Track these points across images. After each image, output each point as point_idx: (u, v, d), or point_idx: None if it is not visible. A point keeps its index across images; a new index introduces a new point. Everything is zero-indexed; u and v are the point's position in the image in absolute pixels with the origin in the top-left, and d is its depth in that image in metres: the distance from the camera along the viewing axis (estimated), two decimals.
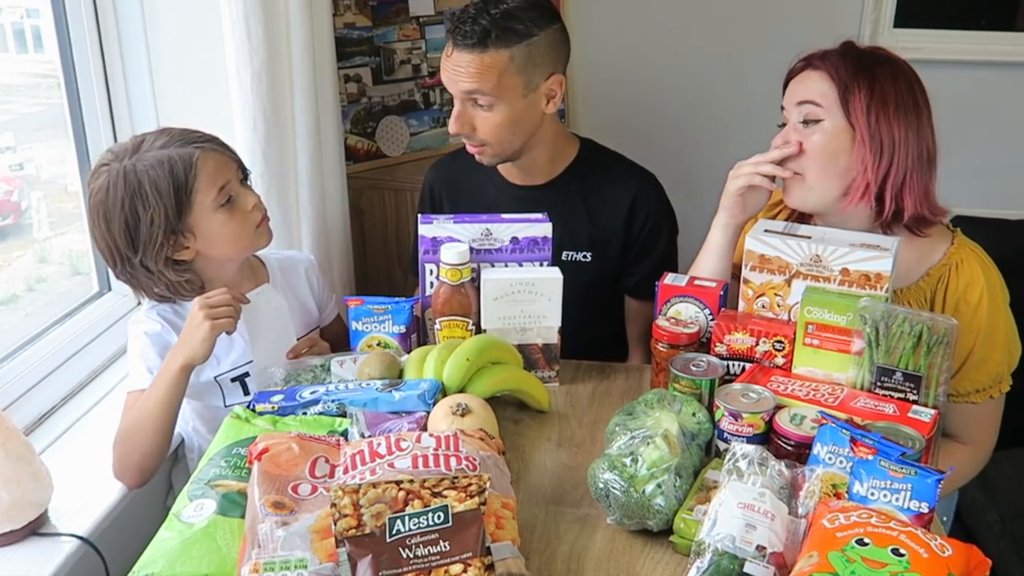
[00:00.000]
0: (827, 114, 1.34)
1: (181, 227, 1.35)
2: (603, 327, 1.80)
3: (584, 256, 1.71)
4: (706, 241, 1.50)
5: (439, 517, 0.91)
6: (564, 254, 1.70)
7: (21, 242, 1.84)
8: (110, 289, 1.85)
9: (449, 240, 1.45)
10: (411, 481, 0.93)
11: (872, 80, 1.33)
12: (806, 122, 1.36)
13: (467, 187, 1.78)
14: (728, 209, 1.45)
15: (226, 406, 1.47)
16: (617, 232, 1.71)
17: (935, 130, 1.39)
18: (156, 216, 1.33)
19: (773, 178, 1.41)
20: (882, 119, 1.32)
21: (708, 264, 1.48)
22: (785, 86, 1.42)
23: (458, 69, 1.55)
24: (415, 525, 0.90)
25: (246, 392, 1.48)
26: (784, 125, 1.41)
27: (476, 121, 1.59)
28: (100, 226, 1.36)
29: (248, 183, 1.46)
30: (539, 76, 1.58)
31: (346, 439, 1.14)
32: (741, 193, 1.42)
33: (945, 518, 1.71)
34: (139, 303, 1.84)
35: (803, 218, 1.48)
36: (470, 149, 1.65)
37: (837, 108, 1.34)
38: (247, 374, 1.48)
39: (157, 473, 1.38)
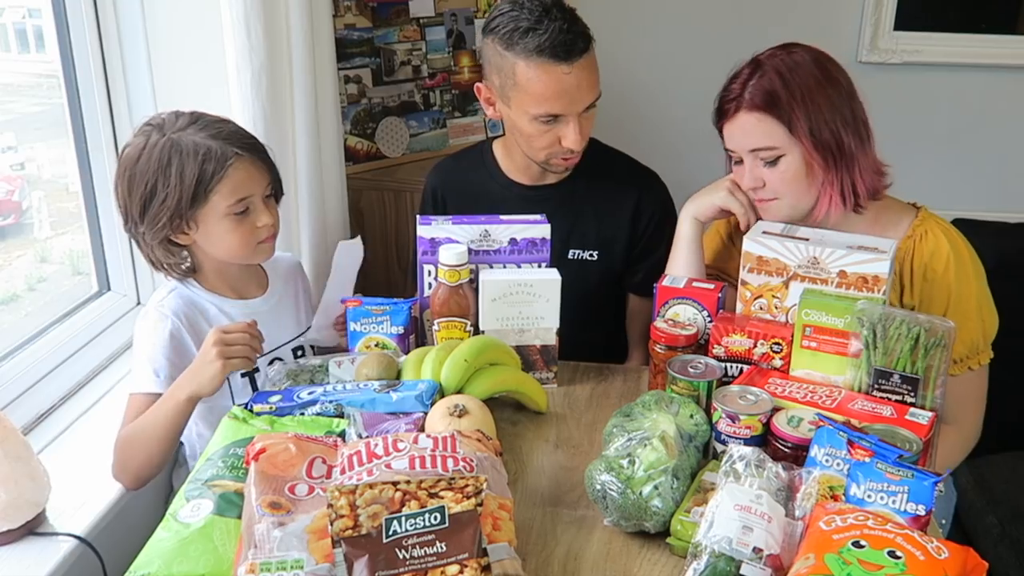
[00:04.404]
0: (785, 150, 1.37)
1: (189, 215, 1.35)
2: (606, 326, 1.80)
3: (591, 255, 1.72)
4: (678, 236, 1.54)
5: (435, 518, 0.91)
6: (571, 252, 1.71)
7: (22, 242, 1.84)
8: (109, 289, 1.85)
9: (447, 241, 1.45)
10: (408, 482, 0.93)
11: (802, 95, 1.35)
12: (765, 161, 1.39)
13: (471, 188, 1.77)
14: (702, 213, 1.51)
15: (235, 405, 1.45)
16: (623, 230, 1.71)
17: (858, 93, 1.40)
18: (170, 198, 1.33)
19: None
20: (823, 126, 1.35)
21: (681, 258, 1.53)
22: (717, 124, 1.44)
23: (581, 83, 1.51)
24: (411, 526, 0.90)
25: (255, 390, 1.47)
26: (738, 161, 1.44)
27: (587, 127, 1.58)
28: (123, 183, 1.37)
29: (272, 200, 1.45)
30: None
31: (343, 440, 1.14)
32: (725, 210, 1.48)
33: (944, 520, 1.71)
34: (138, 303, 1.85)
35: None
36: (568, 163, 1.62)
37: (788, 140, 1.36)
38: (257, 369, 1.46)
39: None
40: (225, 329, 1.31)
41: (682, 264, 1.52)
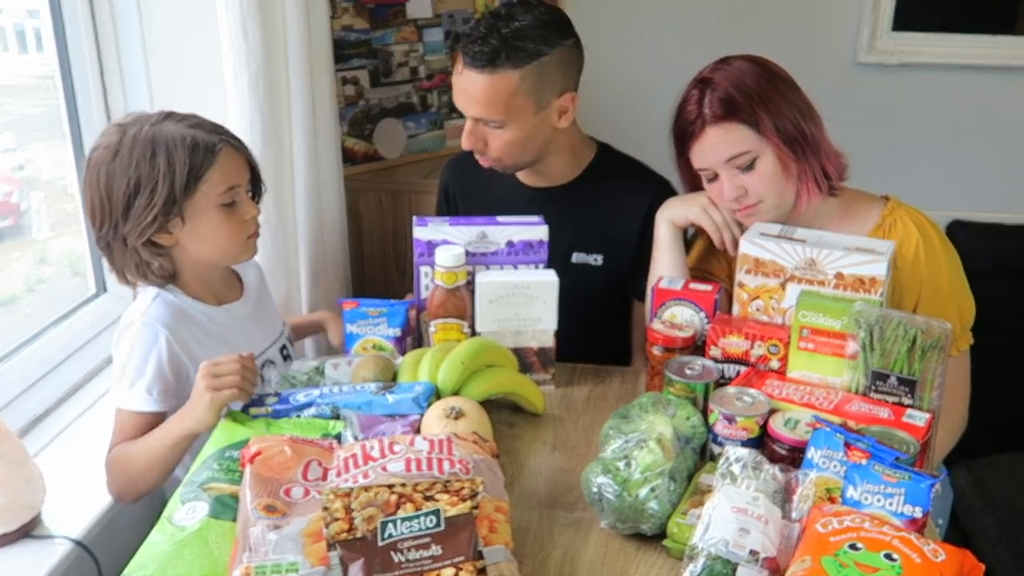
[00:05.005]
0: (758, 151, 1.38)
1: (177, 209, 1.29)
2: (609, 332, 1.79)
3: (595, 259, 1.71)
4: (657, 238, 1.55)
5: (431, 521, 0.91)
6: (575, 256, 1.70)
7: (20, 243, 1.84)
8: (106, 291, 1.84)
9: (444, 243, 1.45)
10: (403, 485, 0.92)
11: (759, 96, 1.37)
12: (741, 167, 1.40)
13: (481, 187, 1.77)
14: (676, 220, 1.52)
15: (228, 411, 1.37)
16: (632, 236, 1.70)
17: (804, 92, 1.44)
18: (160, 189, 1.27)
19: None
20: (785, 121, 1.38)
21: (664, 259, 1.54)
22: (681, 148, 1.46)
23: (467, 90, 1.53)
24: (407, 529, 0.90)
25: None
26: (712, 178, 1.44)
27: (488, 138, 1.58)
28: (98, 184, 1.29)
29: (251, 196, 1.41)
30: (550, 94, 1.56)
31: (340, 442, 1.14)
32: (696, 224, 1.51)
33: (941, 521, 1.71)
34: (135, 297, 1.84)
35: None
36: (483, 162, 1.64)
37: (758, 141, 1.38)
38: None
39: None
40: (215, 362, 1.24)
41: (665, 266, 1.53)
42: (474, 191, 1.78)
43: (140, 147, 1.27)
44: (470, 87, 1.53)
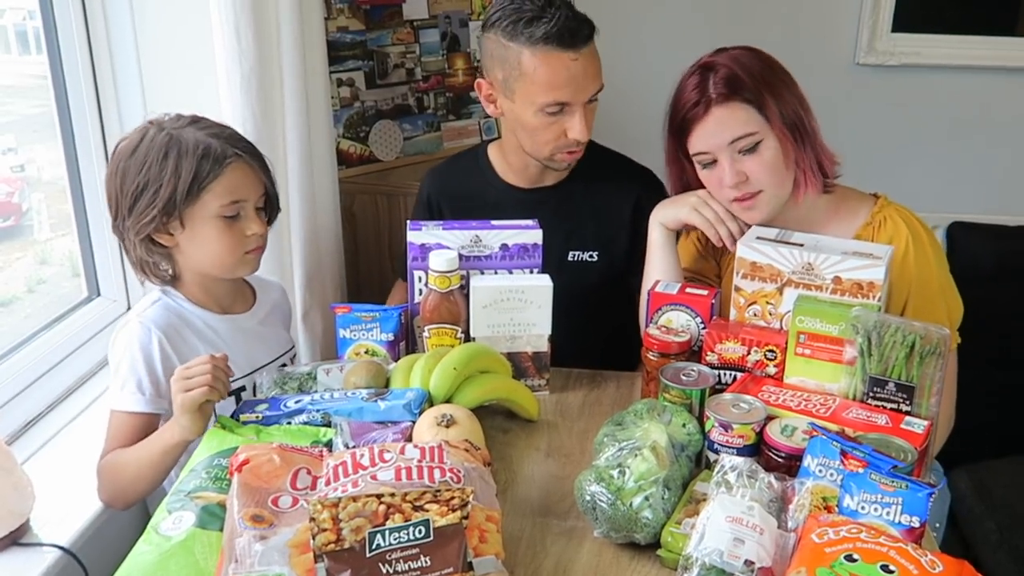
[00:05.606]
0: (763, 134, 1.37)
1: (179, 212, 1.31)
2: (608, 327, 1.78)
3: (590, 255, 1.71)
4: (650, 241, 1.54)
5: (420, 531, 0.90)
6: (571, 254, 1.70)
7: (21, 243, 1.83)
8: (99, 295, 1.83)
9: (438, 247, 1.44)
10: (392, 495, 0.91)
11: (763, 79, 1.37)
12: (744, 150, 1.38)
13: (467, 193, 1.76)
14: (668, 223, 1.51)
15: (218, 418, 1.36)
16: (624, 230, 1.70)
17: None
18: (163, 191, 1.29)
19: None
20: (786, 107, 1.37)
21: (656, 263, 1.52)
22: (679, 138, 1.44)
23: (588, 70, 1.53)
24: (395, 540, 0.89)
25: None
26: (710, 164, 1.42)
27: (590, 119, 1.58)
28: (116, 176, 1.34)
29: (263, 213, 1.41)
30: None
31: (330, 449, 1.12)
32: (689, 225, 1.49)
33: (938, 524, 1.69)
34: (129, 309, 1.83)
35: None
36: (573, 156, 1.62)
37: (763, 124, 1.37)
38: (243, 388, 1.41)
39: None
40: (186, 365, 1.24)
41: (657, 269, 1.52)
42: (462, 198, 1.76)
43: (156, 148, 1.32)
44: (590, 64, 1.53)
